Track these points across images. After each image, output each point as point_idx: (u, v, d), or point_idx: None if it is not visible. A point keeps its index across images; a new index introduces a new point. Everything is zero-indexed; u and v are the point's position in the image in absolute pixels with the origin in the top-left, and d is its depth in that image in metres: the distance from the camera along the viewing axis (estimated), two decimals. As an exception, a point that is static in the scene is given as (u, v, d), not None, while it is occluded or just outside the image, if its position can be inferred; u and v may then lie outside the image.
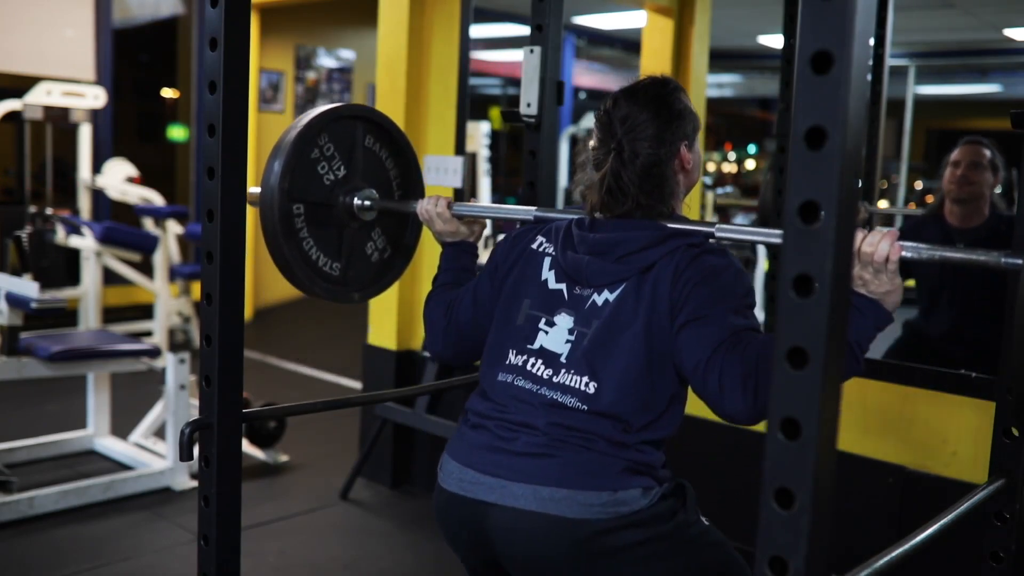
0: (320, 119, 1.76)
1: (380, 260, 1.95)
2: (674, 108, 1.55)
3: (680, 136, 1.55)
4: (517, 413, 1.52)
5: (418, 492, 3.74)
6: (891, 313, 1.34)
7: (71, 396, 4.53)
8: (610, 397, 1.47)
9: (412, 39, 3.69)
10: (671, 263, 1.49)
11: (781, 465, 0.79)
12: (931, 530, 1.25)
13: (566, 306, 1.56)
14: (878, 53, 3.79)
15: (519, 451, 1.48)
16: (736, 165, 14.96)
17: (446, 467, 1.57)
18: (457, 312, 1.72)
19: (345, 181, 1.83)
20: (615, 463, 1.46)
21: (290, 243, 1.74)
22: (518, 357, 1.57)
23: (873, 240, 1.28)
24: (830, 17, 0.75)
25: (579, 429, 1.47)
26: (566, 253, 1.58)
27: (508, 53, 10.47)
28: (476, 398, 1.61)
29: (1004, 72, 11.01)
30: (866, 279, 1.31)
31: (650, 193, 1.53)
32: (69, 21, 6.48)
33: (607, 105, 1.58)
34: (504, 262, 1.68)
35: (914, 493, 2.57)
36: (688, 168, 1.59)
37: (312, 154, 1.77)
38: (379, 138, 1.90)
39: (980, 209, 2.99)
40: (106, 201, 6.44)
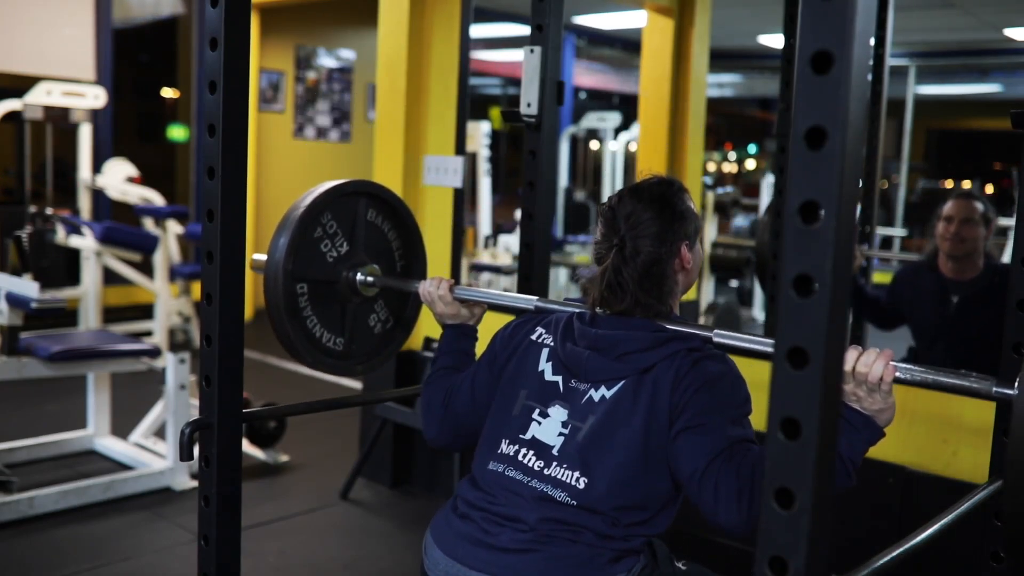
0: (323, 198, 1.78)
1: (383, 331, 1.98)
2: (677, 209, 1.58)
3: (681, 236, 1.57)
4: (506, 505, 1.53)
5: (418, 492, 3.74)
6: (883, 430, 1.36)
7: (71, 396, 4.53)
8: (600, 493, 1.48)
9: (412, 39, 3.69)
10: (671, 367, 1.50)
11: (781, 465, 0.79)
12: (931, 530, 1.25)
13: (561, 399, 1.57)
14: (878, 53, 3.79)
15: (504, 547, 1.49)
16: (736, 165, 14.95)
17: (431, 554, 1.57)
18: (455, 401, 1.73)
19: (348, 257, 1.85)
20: (602, 554, 1.47)
21: (294, 323, 1.77)
22: (510, 447, 1.58)
23: (867, 361, 1.30)
24: (830, 17, 0.75)
25: (567, 523, 1.48)
26: (566, 345, 1.59)
27: (508, 53, 10.47)
28: (466, 485, 1.61)
29: (1004, 72, 11.01)
30: (860, 396, 1.33)
31: (649, 291, 1.55)
32: (69, 21, 6.48)
33: (612, 201, 1.60)
34: (503, 351, 1.69)
35: (914, 493, 2.57)
36: (688, 268, 1.61)
37: (315, 233, 1.80)
38: (381, 211, 1.93)
39: (975, 262, 3.03)
40: (106, 201, 6.44)
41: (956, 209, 2.99)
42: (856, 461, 1.35)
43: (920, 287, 3.14)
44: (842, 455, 1.33)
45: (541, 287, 2.09)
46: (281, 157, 7.58)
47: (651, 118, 5.46)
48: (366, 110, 8.13)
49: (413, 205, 3.82)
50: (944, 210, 3.03)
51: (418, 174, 3.72)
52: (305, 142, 7.79)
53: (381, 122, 3.92)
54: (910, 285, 3.19)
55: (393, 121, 3.84)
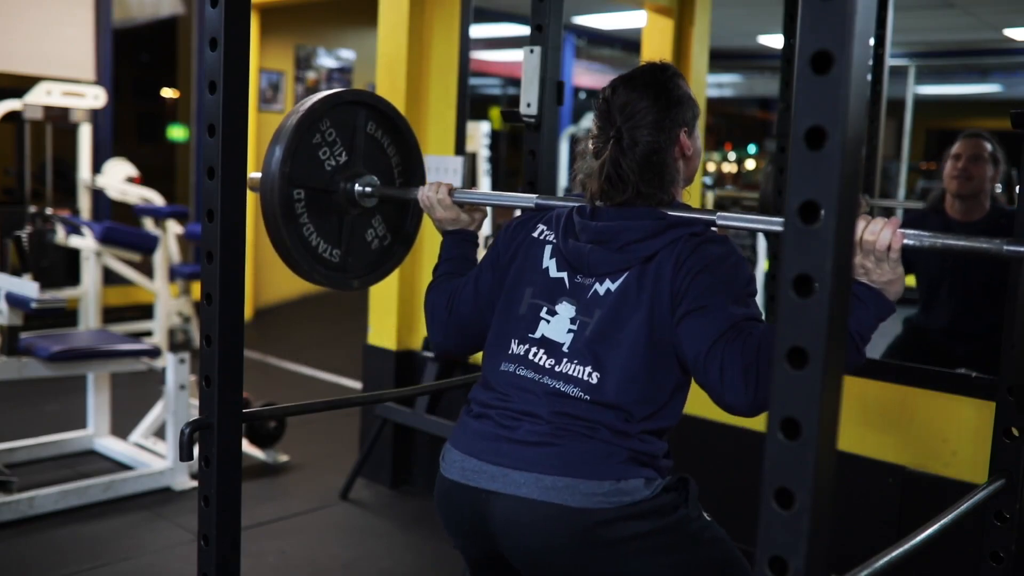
0: (322, 104, 1.75)
1: (380, 247, 1.94)
2: (673, 94, 1.54)
3: (679, 123, 1.54)
4: (520, 402, 1.51)
5: (418, 492, 3.74)
6: (893, 303, 1.33)
7: (71, 396, 4.53)
8: (613, 387, 1.47)
9: (412, 39, 3.70)
10: (673, 253, 1.48)
11: (781, 465, 0.79)
12: (931, 530, 1.25)
13: (567, 295, 1.55)
14: (878, 53, 3.79)
15: (521, 439, 1.48)
16: (736, 165, 14.96)
17: (448, 456, 1.56)
18: (458, 303, 1.71)
19: (346, 167, 1.82)
20: (618, 452, 1.45)
21: (290, 228, 1.74)
22: (520, 346, 1.56)
23: (875, 229, 1.28)
24: (830, 17, 0.75)
25: (582, 418, 1.47)
26: (567, 241, 1.57)
27: (508, 53, 10.47)
28: (479, 388, 1.60)
29: (1004, 72, 11.02)
30: (868, 268, 1.31)
31: (650, 181, 1.52)
32: (69, 21, 6.48)
33: (606, 93, 1.57)
34: (505, 251, 1.67)
35: (914, 493, 2.57)
36: (688, 155, 1.58)
37: (314, 139, 1.76)
38: (381, 124, 1.89)
39: (981, 203, 2.99)
40: (106, 201, 6.44)
41: (964, 147, 2.96)
42: (865, 336, 1.33)
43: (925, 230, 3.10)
44: (851, 331, 1.30)
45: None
46: (281, 157, 7.57)
47: (651, 118, 5.45)
48: (366, 110, 8.12)
49: (413, 205, 3.82)
50: (953, 149, 2.99)
51: (418, 174, 3.72)
52: (305, 142, 7.78)
53: (381, 122, 3.92)
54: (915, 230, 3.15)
55: (393, 121, 3.83)
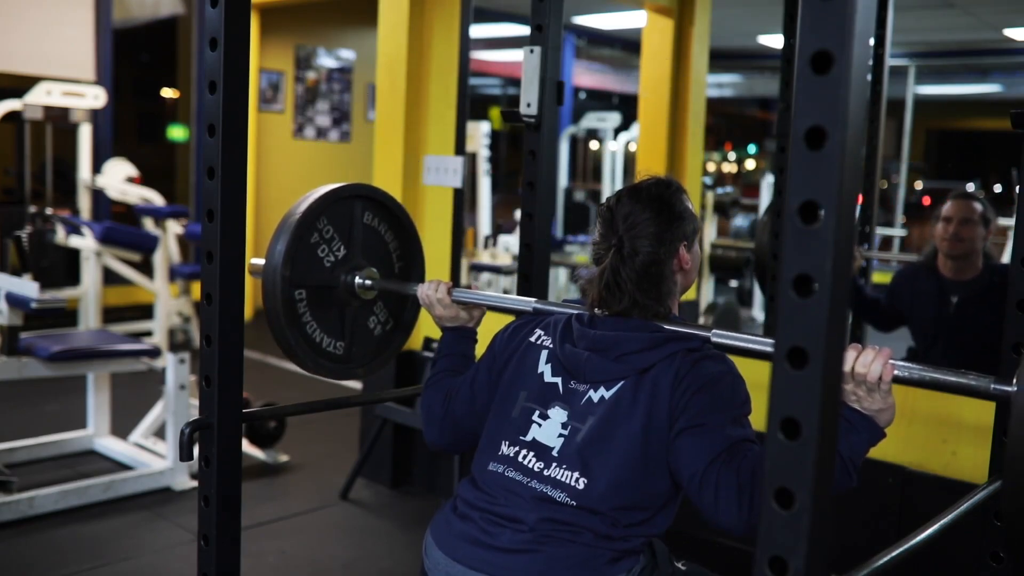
0: (319, 203, 1.78)
1: (382, 333, 1.98)
2: (675, 209, 1.58)
3: (680, 236, 1.57)
4: (506, 506, 1.53)
5: (418, 492, 3.74)
6: (884, 430, 1.36)
7: (71, 396, 4.53)
8: (600, 493, 1.48)
9: (412, 39, 3.69)
10: (671, 367, 1.50)
11: (781, 465, 0.79)
12: (931, 530, 1.25)
13: (560, 400, 1.57)
14: (878, 53, 3.79)
15: (503, 547, 1.49)
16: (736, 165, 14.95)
17: (431, 555, 1.57)
18: (454, 403, 1.73)
19: (345, 261, 1.86)
20: (601, 554, 1.47)
21: (293, 328, 1.77)
22: (510, 448, 1.58)
23: (866, 360, 1.29)
24: (830, 17, 0.75)
25: (566, 523, 1.48)
26: (564, 346, 1.59)
27: (508, 53, 10.47)
28: (466, 485, 1.62)
29: (1004, 72, 11.01)
30: (860, 396, 1.33)
31: (647, 291, 1.55)
32: (69, 21, 6.48)
33: (611, 202, 1.61)
34: (502, 353, 1.69)
35: (914, 493, 2.57)
36: (686, 268, 1.61)
37: (312, 239, 1.79)
38: (377, 214, 1.93)
39: (974, 263, 3.03)
40: (106, 201, 6.44)
41: (955, 210, 2.99)
42: (857, 461, 1.35)
43: (919, 288, 3.14)
44: (842, 455, 1.33)
45: (541, 287, 2.09)
46: (281, 157, 7.58)
47: (651, 118, 5.46)
48: (366, 110, 8.13)
49: (413, 205, 3.82)
50: (943, 211, 3.03)
51: (418, 174, 3.72)
52: (305, 142, 7.79)
53: (381, 122, 3.92)
54: (909, 286, 3.19)
55: (393, 121, 3.84)
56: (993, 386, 1.26)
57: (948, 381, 1.31)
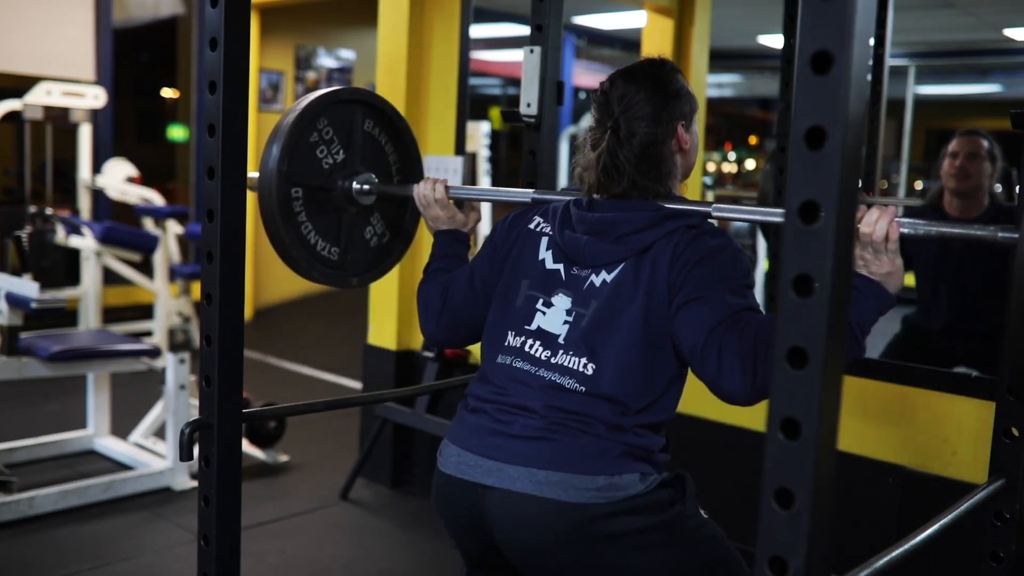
0: (319, 102, 1.75)
1: (379, 245, 1.94)
2: (671, 88, 1.55)
3: (677, 116, 1.55)
4: (515, 396, 1.51)
5: (418, 492, 3.74)
6: (893, 295, 1.33)
7: (71, 396, 4.53)
8: (609, 379, 1.47)
9: (412, 39, 3.69)
10: (669, 244, 1.48)
11: (781, 465, 0.79)
12: (931, 530, 1.25)
13: (564, 286, 1.55)
14: (878, 53, 3.79)
15: (517, 434, 1.48)
16: (736, 165, 14.97)
17: (445, 451, 1.57)
18: (453, 293, 1.71)
19: (344, 165, 1.82)
20: (613, 447, 1.45)
21: (288, 226, 1.74)
22: (516, 339, 1.56)
23: (871, 220, 1.28)
24: (830, 17, 0.75)
25: (577, 412, 1.47)
26: (564, 233, 1.57)
27: (508, 53, 10.47)
28: (476, 382, 1.61)
29: (1004, 72, 11.02)
30: (867, 259, 1.31)
31: (646, 173, 1.52)
32: (69, 21, 6.48)
33: (604, 86, 1.58)
34: (502, 244, 1.67)
35: (914, 493, 2.57)
36: (685, 148, 1.58)
37: (311, 137, 1.76)
38: (379, 122, 1.89)
39: (979, 200, 2.99)
40: (106, 201, 6.45)
41: (961, 144, 2.96)
42: (866, 328, 1.33)
43: None
44: (851, 322, 1.30)
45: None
46: (281, 157, 7.57)
47: (651, 118, 5.45)
48: (366, 110, 8.12)
49: (413, 205, 3.82)
50: (949, 146, 2.99)
51: (418, 174, 3.72)
52: (305, 142, 7.78)
53: (381, 122, 3.92)
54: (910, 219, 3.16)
55: (393, 121, 3.83)
56: (1000, 234, 1.23)
57: (954, 232, 1.28)
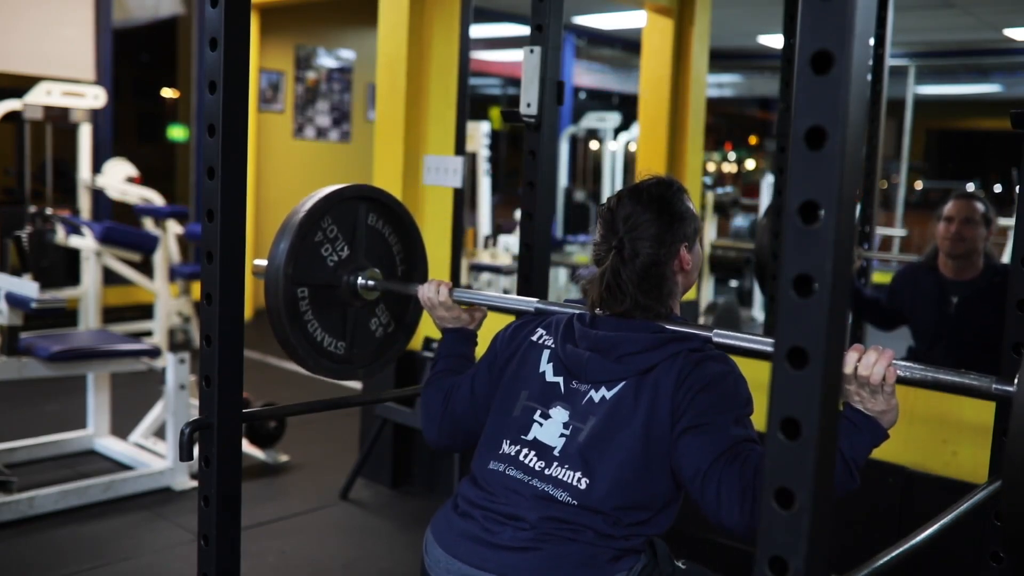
0: (323, 203, 1.78)
1: (384, 335, 1.98)
2: (676, 210, 1.57)
3: (680, 237, 1.57)
4: (506, 504, 1.52)
5: (418, 492, 3.74)
6: (887, 431, 1.35)
7: (71, 396, 4.53)
8: (602, 493, 1.48)
9: (412, 39, 3.69)
10: (673, 367, 1.50)
11: (781, 465, 0.79)
12: (931, 530, 1.25)
13: (562, 399, 1.57)
14: (878, 53, 3.79)
15: (504, 545, 1.48)
16: (736, 165, 14.96)
17: (432, 552, 1.57)
18: (454, 401, 1.73)
19: (349, 261, 1.86)
20: (602, 553, 1.47)
21: (295, 326, 1.77)
22: (511, 447, 1.57)
23: (868, 362, 1.29)
24: (830, 17, 0.75)
25: (568, 522, 1.48)
26: (566, 346, 1.59)
27: (508, 53, 10.47)
28: (467, 484, 1.61)
29: (1004, 72, 11.01)
30: (863, 397, 1.33)
31: (648, 293, 1.54)
32: (69, 21, 6.48)
33: (611, 203, 1.60)
34: (503, 352, 1.69)
35: (914, 493, 2.57)
36: (687, 269, 1.60)
37: (315, 237, 1.80)
38: (382, 215, 1.93)
39: (975, 263, 3.04)
40: (106, 201, 6.44)
41: (956, 209, 2.99)
42: (859, 462, 1.35)
43: (920, 287, 3.14)
44: (844, 456, 1.33)
45: (541, 287, 2.09)
46: (281, 157, 7.58)
47: (651, 118, 5.46)
48: (366, 110, 8.13)
49: (413, 205, 3.82)
50: (944, 210, 3.03)
51: (418, 174, 3.72)
52: (305, 142, 7.79)
53: (381, 122, 3.92)
54: (910, 285, 3.20)
55: (393, 121, 3.84)
56: (995, 386, 1.26)
57: (950, 381, 1.31)
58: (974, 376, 1.29)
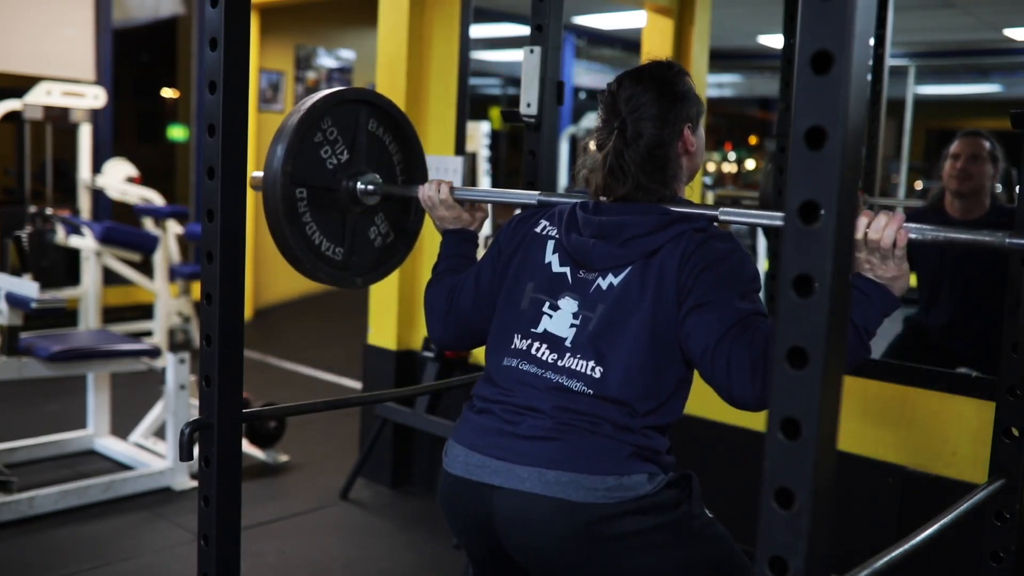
0: (323, 102, 1.75)
1: (383, 245, 1.94)
2: (678, 90, 1.55)
3: (683, 118, 1.55)
4: (522, 397, 1.51)
5: (418, 492, 3.74)
6: (898, 298, 1.34)
7: (71, 396, 4.53)
8: (616, 381, 1.47)
9: (412, 39, 3.69)
10: (677, 248, 1.48)
11: (781, 465, 0.79)
12: (931, 530, 1.25)
13: (570, 289, 1.55)
14: (878, 53, 3.79)
15: (524, 434, 1.48)
16: (736, 165, 14.97)
17: (451, 451, 1.56)
18: (459, 297, 1.71)
19: (348, 165, 1.82)
20: (621, 448, 1.45)
21: (293, 227, 1.74)
22: (523, 341, 1.56)
23: (879, 226, 1.28)
24: (830, 17, 0.75)
25: (585, 413, 1.47)
26: (570, 235, 1.57)
27: (508, 53, 10.47)
28: (481, 383, 1.60)
29: (1004, 72, 11.02)
30: (873, 263, 1.31)
31: (652, 174, 1.52)
32: (69, 21, 6.48)
33: (611, 87, 1.58)
34: (507, 246, 1.67)
35: (914, 493, 2.57)
36: (691, 151, 1.59)
37: (315, 138, 1.76)
38: (382, 122, 1.89)
39: (981, 201, 2.99)
40: (106, 201, 6.44)
41: (963, 146, 2.96)
42: (871, 331, 1.33)
43: None
44: (856, 325, 1.31)
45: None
46: (281, 157, 7.57)
47: (651, 118, 5.45)
48: (366, 110, 8.12)
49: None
50: (951, 148, 2.98)
51: (418, 174, 3.72)
52: (305, 142, 7.78)
53: (381, 122, 3.91)
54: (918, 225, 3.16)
55: (393, 121, 3.83)
56: (1008, 240, 1.24)
57: (962, 239, 1.29)
58: (987, 233, 1.26)
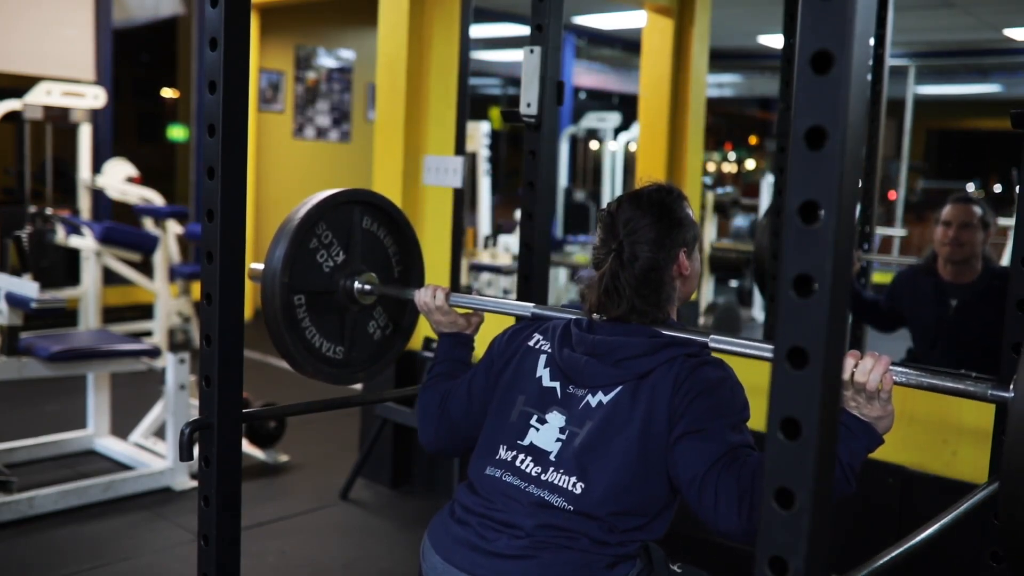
0: (317, 209, 1.78)
1: (382, 338, 1.98)
2: (675, 215, 1.58)
3: (679, 243, 1.58)
4: (503, 511, 1.52)
5: (418, 492, 3.74)
6: (882, 437, 1.36)
7: (71, 396, 4.53)
8: (597, 498, 1.48)
9: (412, 39, 3.69)
10: (670, 372, 1.50)
11: (781, 465, 0.79)
12: (931, 530, 1.25)
13: (559, 404, 1.57)
14: (878, 53, 3.78)
15: (499, 552, 1.49)
16: (736, 165, 14.96)
17: (429, 559, 1.58)
18: (451, 404, 1.73)
19: (345, 265, 1.85)
20: (598, 560, 1.47)
21: (292, 334, 1.77)
22: (508, 452, 1.58)
23: (865, 368, 1.29)
24: (830, 17, 0.75)
25: (563, 528, 1.48)
26: (563, 351, 1.59)
27: (508, 53, 10.47)
28: (464, 490, 1.61)
29: (1004, 72, 11.02)
30: (859, 402, 1.33)
31: (646, 297, 1.55)
32: (69, 21, 6.48)
33: (612, 207, 1.61)
34: (500, 357, 1.69)
35: (914, 493, 2.57)
36: (686, 275, 1.61)
37: (311, 244, 1.79)
38: (376, 218, 1.92)
39: (973, 266, 3.04)
40: (106, 201, 6.44)
41: (954, 213, 2.99)
42: (855, 467, 1.35)
43: (919, 290, 3.15)
44: (841, 461, 1.33)
45: (540, 288, 2.08)
46: (281, 157, 7.58)
47: (651, 118, 5.46)
48: (366, 110, 8.13)
49: (413, 205, 3.82)
50: (942, 215, 3.03)
51: (418, 174, 3.72)
52: (305, 142, 7.79)
53: (381, 122, 3.92)
54: (909, 288, 3.20)
55: (393, 121, 3.84)
56: (991, 391, 1.26)
57: (946, 386, 1.31)
58: (971, 381, 1.29)
